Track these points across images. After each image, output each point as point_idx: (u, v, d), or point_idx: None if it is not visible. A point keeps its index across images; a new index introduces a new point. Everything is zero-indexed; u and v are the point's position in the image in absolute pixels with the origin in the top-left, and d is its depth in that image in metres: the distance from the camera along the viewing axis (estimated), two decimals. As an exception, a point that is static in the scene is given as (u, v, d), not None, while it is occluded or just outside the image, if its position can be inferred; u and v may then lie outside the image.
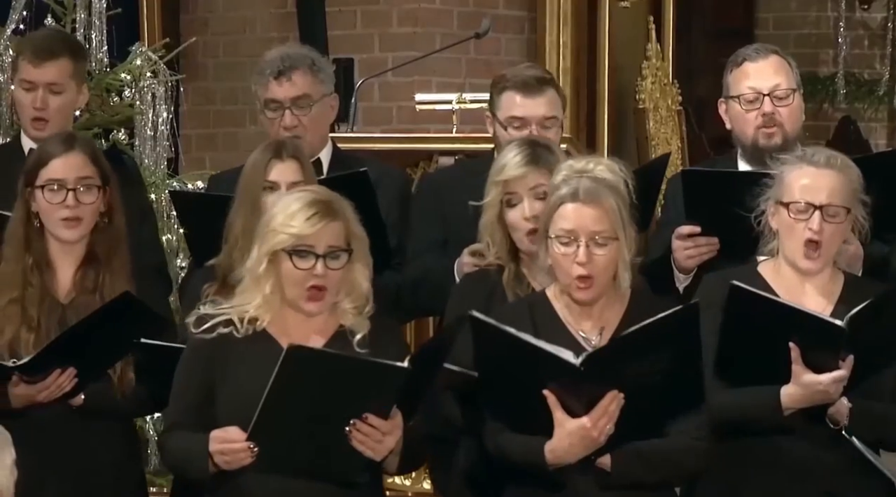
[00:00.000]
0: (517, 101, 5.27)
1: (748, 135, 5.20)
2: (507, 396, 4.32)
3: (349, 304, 4.38)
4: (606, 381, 4.20)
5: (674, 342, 4.25)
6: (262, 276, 4.35)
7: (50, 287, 4.79)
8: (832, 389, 4.45)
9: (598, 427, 4.20)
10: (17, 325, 4.71)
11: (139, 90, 6.93)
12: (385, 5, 9.19)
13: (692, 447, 4.32)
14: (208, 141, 9.24)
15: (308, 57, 5.57)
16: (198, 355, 4.40)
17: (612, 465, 4.26)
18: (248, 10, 9.40)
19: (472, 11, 8.97)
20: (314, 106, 5.47)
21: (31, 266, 4.79)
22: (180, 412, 4.41)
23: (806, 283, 4.62)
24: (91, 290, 4.78)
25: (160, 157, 6.88)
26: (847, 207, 4.59)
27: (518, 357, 4.24)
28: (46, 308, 4.75)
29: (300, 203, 4.35)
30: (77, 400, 4.69)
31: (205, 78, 9.35)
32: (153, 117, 6.91)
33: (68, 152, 4.81)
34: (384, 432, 4.23)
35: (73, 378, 4.64)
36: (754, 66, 5.24)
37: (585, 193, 4.34)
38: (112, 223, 4.84)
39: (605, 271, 4.36)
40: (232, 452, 4.24)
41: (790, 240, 4.60)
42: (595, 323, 4.41)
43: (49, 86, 5.48)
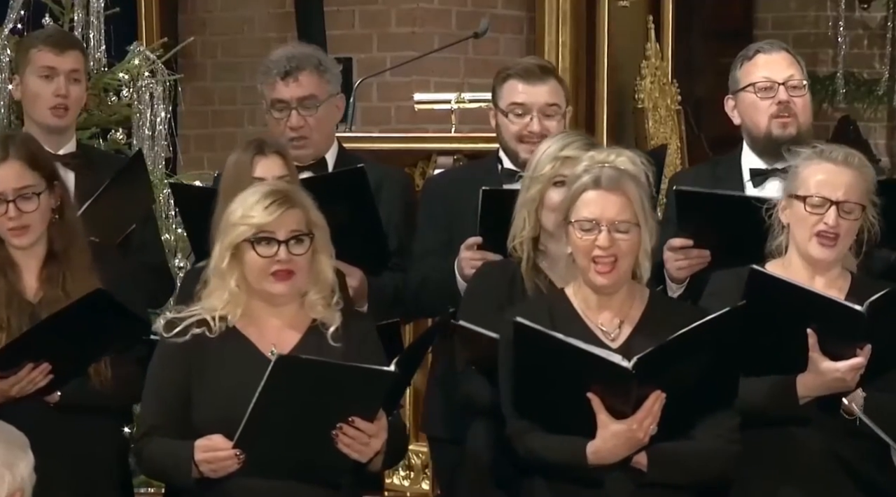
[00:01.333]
0: (519, 88, 5.30)
1: (761, 125, 5.20)
2: (545, 398, 4.32)
3: (316, 294, 4.42)
4: (653, 382, 4.22)
5: (716, 344, 4.28)
6: (227, 271, 4.40)
7: (17, 287, 4.79)
8: (849, 377, 4.46)
9: (644, 428, 4.24)
10: None
11: (137, 90, 6.93)
12: (383, 5, 9.20)
13: (724, 450, 4.36)
14: (206, 141, 9.24)
15: (314, 57, 5.58)
16: (172, 359, 4.42)
17: (649, 465, 4.30)
18: (247, 10, 9.41)
19: (471, 11, 8.99)
20: (320, 106, 5.48)
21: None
22: (156, 416, 4.42)
23: (816, 279, 4.63)
24: (58, 286, 4.77)
25: (158, 156, 6.88)
26: (862, 205, 4.60)
27: (563, 361, 4.25)
28: (16, 308, 4.75)
29: (257, 195, 4.42)
30: (53, 397, 4.69)
31: (203, 78, 9.35)
32: (151, 117, 6.91)
33: (5, 161, 4.76)
34: (370, 435, 4.26)
35: (46, 373, 4.64)
36: (767, 57, 5.27)
37: (608, 181, 4.38)
38: (64, 218, 4.84)
39: (626, 257, 4.38)
40: (218, 461, 4.27)
41: (802, 231, 4.60)
42: (614, 315, 4.44)
43: (71, 73, 5.50)
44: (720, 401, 4.35)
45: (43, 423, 4.62)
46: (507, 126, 5.30)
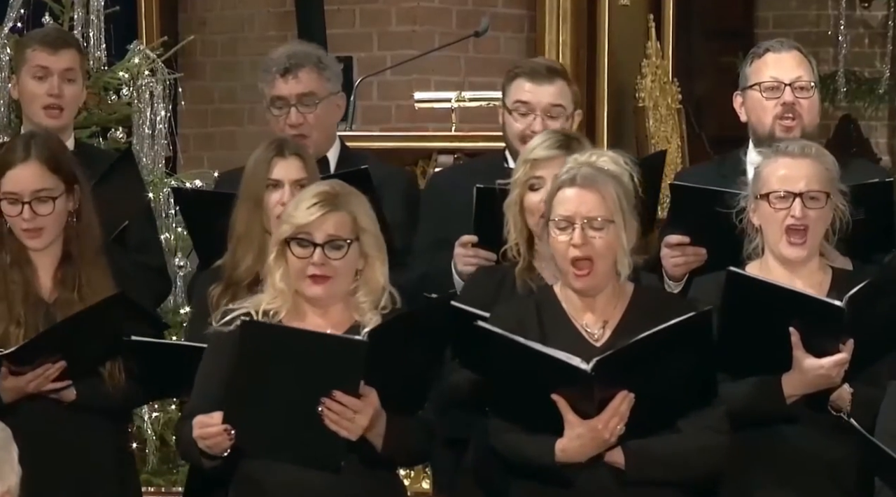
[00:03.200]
0: (525, 86, 5.31)
1: (766, 124, 5.20)
2: (516, 398, 4.33)
3: (365, 297, 4.43)
4: (617, 384, 4.22)
5: (685, 346, 4.26)
6: (273, 266, 4.41)
7: (33, 285, 4.82)
8: (834, 373, 4.46)
9: (609, 428, 4.23)
10: (4, 322, 4.75)
11: (137, 89, 6.94)
12: (384, 4, 9.20)
13: (712, 444, 4.35)
14: (206, 140, 9.24)
15: (315, 55, 5.58)
16: (218, 348, 4.43)
17: (626, 465, 4.29)
18: (246, 9, 9.41)
19: (471, 10, 8.98)
20: (320, 104, 5.47)
21: (10, 264, 4.81)
22: (198, 403, 4.43)
23: (795, 278, 4.62)
24: (72, 288, 4.80)
25: (158, 155, 6.88)
26: (826, 192, 4.60)
27: (526, 363, 4.26)
28: (31, 305, 4.78)
29: (306, 194, 4.43)
30: (69, 395, 4.73)
31: (203, 77, 9.35)
32: (151, 116, 6.92)
33: (26, 161, 4.79)
34: (355, 410, 4.24)
35: (60, 369, 4.66)
36: (777, 56, 5.26)
37: (583, 179, 4.38)
38: (81, 221, 4.85)
39: (602, 257, 4.37)
40: (210, 436, 4.28)
41: (773, 230, 4.61)
42: (598, 316, 4.43)
43: (64, 73, 5.51)
44: (698, 401, 4.34)
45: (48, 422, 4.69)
46: (512, 124, 5.31)
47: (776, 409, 4.50)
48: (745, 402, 4.50)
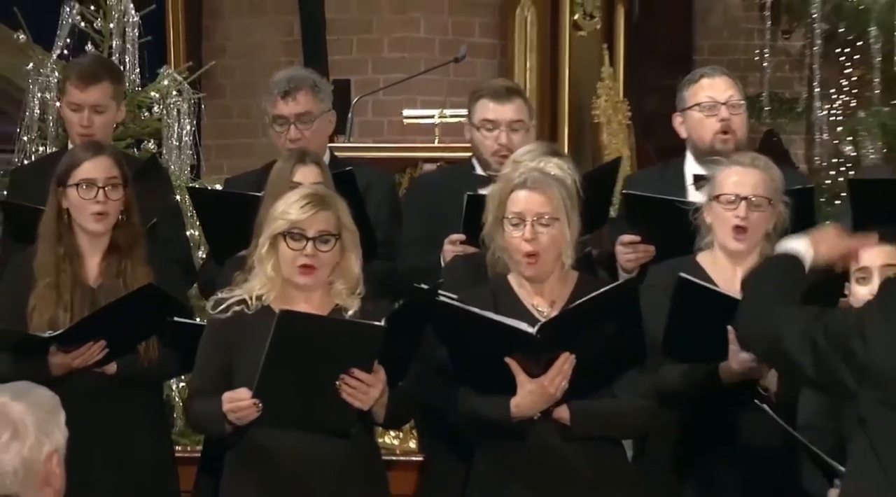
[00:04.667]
0: (489, 106, 5.31)
1: (706, 140, 5.20)
2: (474, 365, 4.34)
3: (342, 285, 4.43)
4: (559, 346, 4.22)
5: (616, 312, 4.29)
6: (265, 257, 4.40)
7: (80, 274, 4.82)
8: (763, 366, 4.45)
9: (555, 385, 4.25)
10: (53, 307, 4.76)
11: (166, 106, 6.94)
12: (377, 34, 9.19)
13: (641, 408, 4.37)
14: (226, 150, 9.22)
15: (310, 78, 5.57)
16: (215, 333, 4.45)
17: (571, 421, 4.30)
18: (260, 38, 9.39)
19: (452, 39, 8.98)
20: (315, 121, 5.47)
21: (63, 256, 4.81)
22: (202, 381, 4.45)
23: (738, 269, 4.63)
24: (115, 275, 4.83)
25: (184, 163, 6.89)
26: (769, 198, 4.61)
27: (481, 331, 4.27)
28: (79, 292, 4.79)
29: (297, 195, 4.44)
30: (111, 368, 4.74)
31: (223, 96, 9.33)
32: (178, 130, 6.92)
33: (97, 156, 4.85)
34: (369, 385, 4.26)
35: (103, 348, 4.67)
36: (711, 81, 5.28)
37: (533, 182, 4.40)
38: (130, 219, 4.88)
39: (549, 249, 4.38)
40: (240, 409, 4.28)
41: (721, 227, 4.64)
42: (546, 298, 4.44)
43: (93, 107, 5.51)
44: (631, 360, 4.36)
45: (93, 391, 4.70)
46: (482, 140, 5.31)
47: (712, 391, 4.51)
48: (685, 383, 4.52)
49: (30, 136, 6.87)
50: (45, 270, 4.78)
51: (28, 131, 6.88)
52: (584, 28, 9.28)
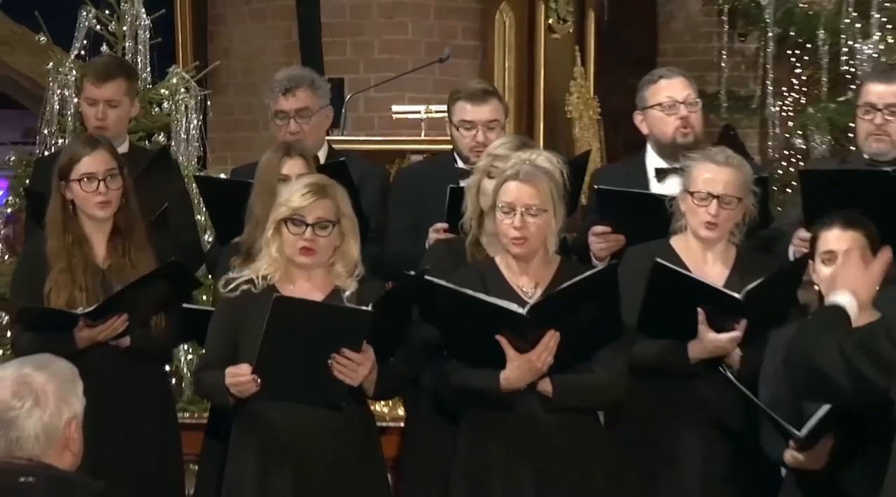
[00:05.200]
0: (467, 108, 5.29)
1: (668, 135, 5.20)
2: (466, 341, 4.32)
3: (342, 268, 4.42)
4: (546, 324, 4.22)
5: (597, 294, 4.28)
6: (270, 240, 4.41)
7: (90, 257, 4.83)
8: (729, 346, 4.48)
9: (541, 359, 4.25)
10: (70, 288, 4.76)
11: (175, 103, 6.91)
12: (368, 37, 9.16)
13: (616, 383, 4.36)
14: (229, 143, 9.19)
15: (309, 77, 5.56)
16: (225, 310, 4.45)
17: (553, 393, 4.30)
18: (261, 41, 9.35)
19: (437, 42, 8.95)
20: (313, 116, 5.45)
21: (72, 242, 4.81)
22: (212, 355, 4.46)
23: (708, 254, 4.63)
24: (122, 255, 4.82)
25: (191, 155, 6.86)
26: (739, 197, 4.60)
27: (475, 311, 4.25)
28: (91, 273, 4.79)
29: (300, 184, 4.44)
30: (125, 342, 4.74)
31: (226, 94, 9.30)
32: (186, 124, 6.89)
33: (95, 150, 4.83)
34: (357, 363, 4.26)
35: (125, 322, 4.69)
36: (669, 82, 5.27)
37: (524, 174, 4.38)
38: (128, 203, 4.88)
39: (536, 235, 4.37)
40: (241, 383, 4.28)
41: (694, 219, 4.62)
42: (531, 279, 4.42)
43: (108, 102, 5.49)
44: (608, 338, 4.36)
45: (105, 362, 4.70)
46: (460, 138, 5.30)
47: (682, 366, 4.51)
48: (656, 358, 4.52)
49: (50, 130, 6.84)
50: (58, 257, 4.78)
51: (48, 125, 6.85)
52: (557, 31, 9.27)
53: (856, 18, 9.46)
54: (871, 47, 9.35)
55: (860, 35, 9.42)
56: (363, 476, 4.41)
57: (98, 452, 4.30)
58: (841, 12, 9.53)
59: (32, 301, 4.76)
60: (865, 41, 9.40)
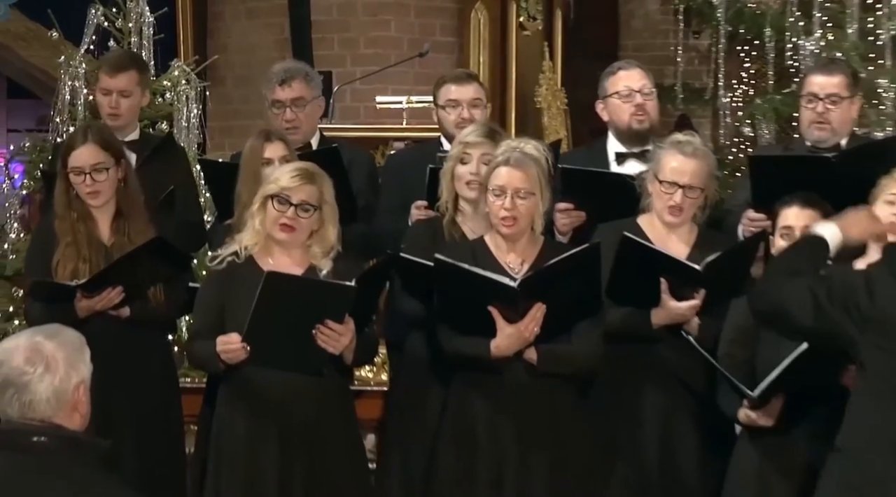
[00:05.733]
0: (452, 88, 5.30)
1: (625, 121, 5.19)
2: (460, 311, 4.31)
3: (318, 249, 4.41)
4: (534, 297, 4.22)
5: (580, 271, 4.27)
6: (256, 213, 4.39)
7: (95, 234, 4.81)
8: (689, 313, 4.48)
9: (529, 330, 4.25)
10: (74, 261, 4.74)
11: (177, 93, 6.93)
12: (355, 33, 9.12)
13: (592, 353, 4.37)
14: (227, 131, 9.14)
15: (303, 69, 5.55)
16: (211, 282, 4.45)
17: (538, 361, 4.31)
18: (256, 37, 9.30)
19: (417, 38, 8.91)
20: (307, 106, 5.43)
21: (76, 219, 4.79)
22: (200, 326, 4.44)
23: (671, 233, 4.63)
24: (122, 234, 4.80)
25: (192, 141, 6.88)
26: (702, 188, 4.59)
27: (469, 284, 4.25)
28: (95, 248, 4.77)
29: (291, 166, 4.44)
30: (125, 312, 4.72)
31: (224, 85, 9.26)
32: (187, 113, 6.92)
33: (84, 144, 4.78)
34: (340, 333, 4.25)
35: (120, 293, 4.65)
36: (627, 72, 5.25)
37: (514, 161, 4.37)
38: (128, 186, 4.83)
39: (524, 216, 4.37)
40: (231, 351, 4.26)
41: (659, 203, 4.61)
42: (518, 256, 4.42)
43: (121, 92, 5.45)
44: (589, 312, 4.36)
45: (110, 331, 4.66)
46: (446, 117, 5.29)
47: (646, 332, 4.51)
48: (623, 324, 4.52)
49: (62, 118, 6.86)
50: (64, 232, 4.77)
51: (60, 114, 6.87)
52: (528, 29, 9.26)
53: (799, 17, 9.49)
54: (813, 44, 9.37)
55: (803, 32, 9.44)
56: (340, 436, 4.41)
57: (105, 414, 4.28)
58: (786, 12, 9.56)
59: (43, 274, 4.75)
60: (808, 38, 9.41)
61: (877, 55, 9.51)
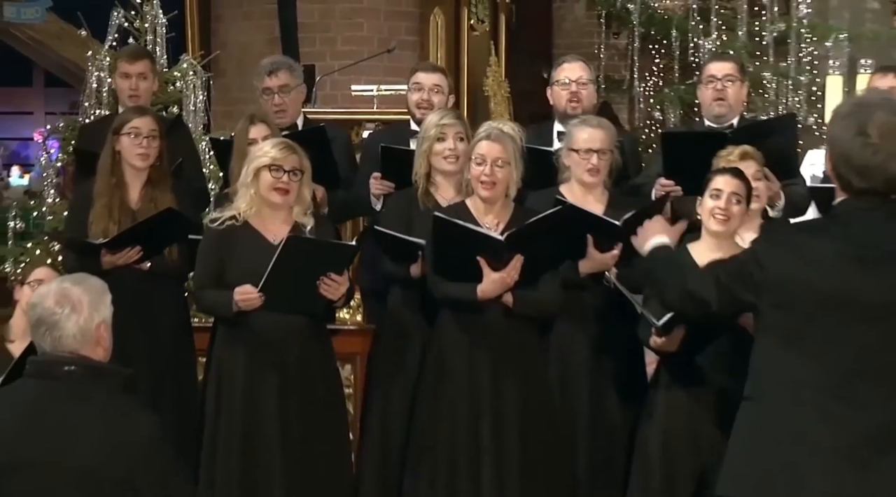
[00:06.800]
0: (420, 74, 5.29)
1: (562, 106, 5.18)
2: (453, 260, 4.29)
3: (299, 208, 4.39)
4: (516, 250, 4.22)
5: (552, 228, 4.28)
6: (249, 184, 4.35)
7: (125, 199, 4.76)
8: (610, 262, 4.48)
9: (511, 276, 4.26)
10: (106, 221, 4.70)
11: (185, 83, 6.90)
12: (333, 33, 9.05)
13: (554, 299, 4.39)
14: (228, 114, 9.03)
15: (288, 62, 5.52)
16: (211, 241, 4.39)
17: (513, 303, 4.31)
18: (250, 36, 9.19)
19: (386, 37, 8.84)
20: (291, 92, 5.39)
21: (114, 185, 4.73)
22: (204, 278, 4.40)
23: (589, 196, 4.61)
24: (150, 201, 4.75)
25: (198, 123, 6.84)
26: (610, 150, 4.57)
27: (464, 238, 4.24)
28: (124, 211, 4.72)
29: (276, 141, 4.42)
30: (145, 266, 4.68)
31: (225, 76, 9.17)
32: (194, 99, 6.91)
33: (143, 116, 4.78)
34: (340, 283, 4.24)
35: (138, 252, 4.61)
36: (569, 65, 5.24)
37: (494, 136, 4.40)
38: (161, 163, 4.80)
39: (501, 182, 4.39)
40: (249, 300, 4.25)
41: (578, 170, 4.60)
42: (494, 218, 4.42)
43: (139, 75, 5.37)
44: (553, 263, 4.37)
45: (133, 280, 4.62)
46: (410, 97, 5.25)
47: (573, 279, 4.50)
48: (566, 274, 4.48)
49: (90, 103, 6.82)
50: (101, 195, 4.72)
51: (89, 99, 6.84)
52: (477, 30, 9.21)
53: (699, 21, 9.52)
54: (710, 43, 9.42)
55: (703, 34, 9.46)
56: (322, 366, 4.42)
57: (127, 348, 4.24)
58: (689, 16, 9.61)
59: (79, 231, 4.71)
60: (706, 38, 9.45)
61: (762, 53, 9.57)
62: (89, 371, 3.12)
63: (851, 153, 2.94)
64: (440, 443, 4.33)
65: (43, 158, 7.15)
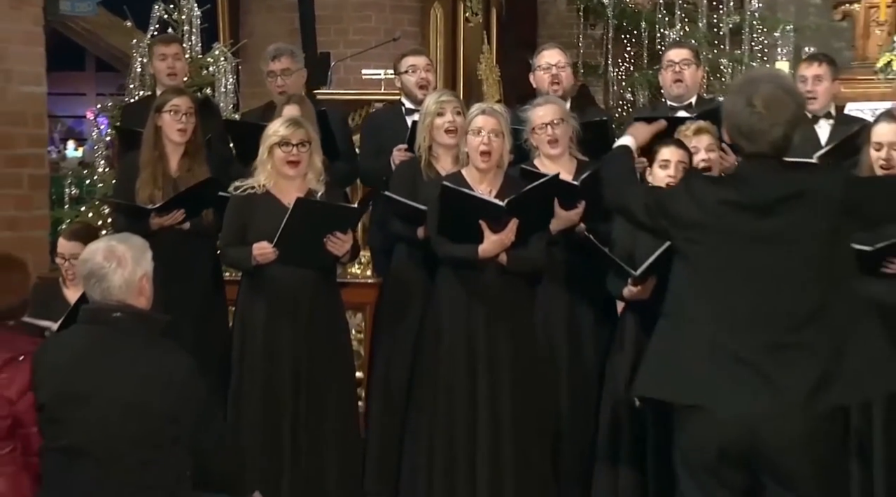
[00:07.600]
0: (410, 58, 5.21)
1: (544, 89, 5.12)
2: (456, 224, 4.25)
3: (312, 176, 4.35)
4: (513, 214, 4.18)
5: (543, 194, 4.24)
6: (265, 159, 4.33)
7: (167, 169, 4.74)
8: (576, 218, 4.43)
9: (508, 238, 4.21)
10: (151, 188, 4.69)
11: (217, 67, 6.90)
12: (346, 25, 9.04)
13: (541, 258, 4.33)
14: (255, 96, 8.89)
15: (289, 48, 5.53)
16: (236, 206, 4.38)
17: (507, 262, 4.27)
18: (274, 27, 9.14)
19: (391, 28, 8.79)
20: (293, 75, 5.37)
21: (157, 157, 4.71)
22: (229, 237, 4.38)
23: (557, 165, 4.56)
24: (187, 170, 4.73)
25: (229, 102, 6.91)
26: (563, 118, 4.54)
27: (467, 204, 4.19)
28: (166, 179, 4.71)
29: (283, 120, 4.38)
30: (185, 225, 4.67)
31: (252, 61, 9.07)
32: (225, 82, 6.88)
33: (181, 96, 4.74)
34: (344, 241, 4.22)
35: (182, 214, 4.61)
36: (548, 52, 5.17)
37: (488, 111, 4.35)
38: (196, 137, 4.75)
39: (496, 151, 4.33)
40: (265, 255, 4.23)
41: (541, 142, 4.55)
42: (488, 186, 4.36)
43: (174, 55, 5.36)
44: (541, 227, 4.33)
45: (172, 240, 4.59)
46: (409, 79, 5.19)
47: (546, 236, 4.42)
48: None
49: (134, 85, 6.82)
50: (146, 165, 4.71)
51: (133, 82, 6.83)
52: (472, 22, 9.15)
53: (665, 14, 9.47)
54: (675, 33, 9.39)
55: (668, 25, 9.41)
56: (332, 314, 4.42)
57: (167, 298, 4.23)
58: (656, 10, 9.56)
59: (126, 197, 4.71)
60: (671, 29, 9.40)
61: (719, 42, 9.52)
62: (134, 317, 3.14)
63: (741, 122, 3.02)
64: (439, 384, 4.32)
65: (94, 134, 7.21)
